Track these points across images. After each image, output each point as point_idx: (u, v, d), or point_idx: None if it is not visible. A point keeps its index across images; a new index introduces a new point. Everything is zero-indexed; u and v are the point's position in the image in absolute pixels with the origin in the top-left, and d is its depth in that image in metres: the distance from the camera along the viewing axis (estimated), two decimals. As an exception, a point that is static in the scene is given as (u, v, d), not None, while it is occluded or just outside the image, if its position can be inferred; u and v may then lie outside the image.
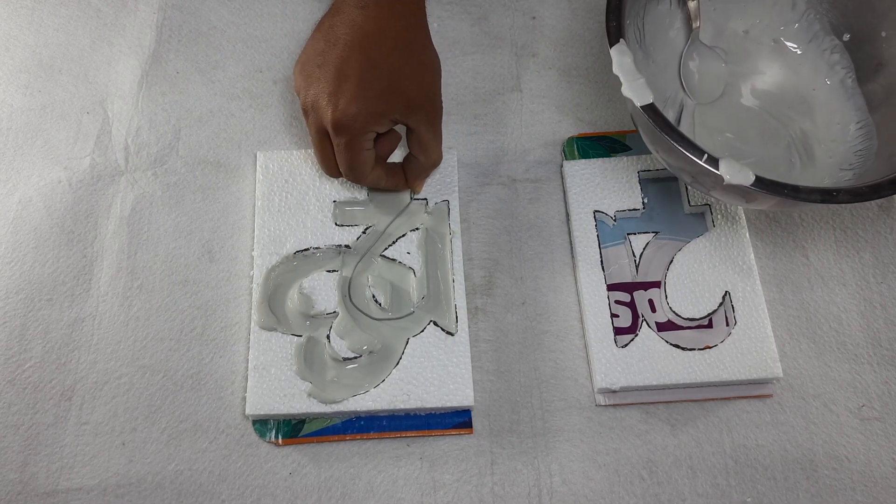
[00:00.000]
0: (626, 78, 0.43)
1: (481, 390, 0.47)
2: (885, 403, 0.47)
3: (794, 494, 0.44)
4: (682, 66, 0.52)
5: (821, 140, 0.50)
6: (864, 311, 0.49)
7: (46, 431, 0.46)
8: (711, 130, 0.51)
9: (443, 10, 0.59)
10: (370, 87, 0.44)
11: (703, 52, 0.52)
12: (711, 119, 0.51)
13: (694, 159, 0.41)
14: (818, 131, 0.51)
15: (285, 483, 0.45)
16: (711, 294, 0.48)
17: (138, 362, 0.47)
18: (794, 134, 0.51)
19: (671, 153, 0.43)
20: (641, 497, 0.44)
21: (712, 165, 0.41)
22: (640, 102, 0.43)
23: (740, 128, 0.51)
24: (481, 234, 0.51)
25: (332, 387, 0.45)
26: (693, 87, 0.52)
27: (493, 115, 0.55)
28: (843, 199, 0.41)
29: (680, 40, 0.53)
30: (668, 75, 0.52)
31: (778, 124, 0.51)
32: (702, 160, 0.41)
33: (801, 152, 0.50)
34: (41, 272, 0.50)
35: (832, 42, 0.52)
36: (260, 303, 0.47)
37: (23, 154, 0.53)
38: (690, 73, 0.52)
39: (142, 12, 0.58)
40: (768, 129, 0.51)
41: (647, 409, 0.46)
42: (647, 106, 0.43)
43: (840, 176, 0.47)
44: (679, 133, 0.42)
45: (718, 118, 0.51)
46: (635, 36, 0.49)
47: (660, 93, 0.51)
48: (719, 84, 0.52)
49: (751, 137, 0.51)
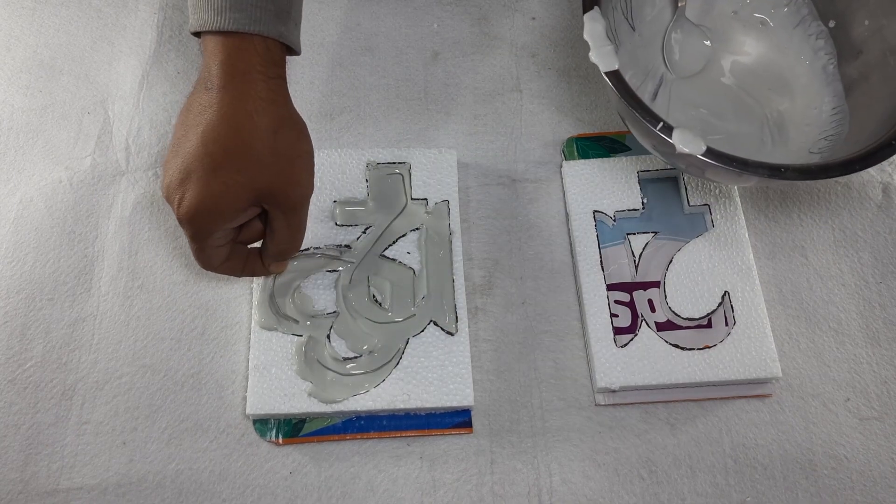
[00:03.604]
0: (595, 44, 0.45)
1: (481, 390, 0.47)
2: (884, 403, 0.47)
3: (794, 494, 0.44)
4: (665, 40, 0.53)
5: (796, 123, 0.51)
6: (863, 311, 0.49)
7: (47, 431, 0.46)
8: (686, 104, 0.52)
9: (443, 10, 0.59)
10: (214, 180, 0.39)
11: (688, 28, 0.53)
12: (688, 94, 0.52)
13: (649, 127, 0.43)
14: (794, 114, 0.51)
15: (285, 482, 0.45)
16: (711, 294, 0.48)
17: (139, 362, 0.47)
18: (769, 114, 0.52)
19: (634, 122, 0.45)
20: (641, 496, 0.44)
21: (666, 134, 0.43)
22: (605, 69, 0.44)
23: (716, 104, 0.52)
24: (481, 234, 0.51)
25: (332, 386, 0.45)
26: (673, 61, 0.53)
27: (492, 115, 0.55)
28: (790, 176, 0.42)
29: (666, 15, 0.54)
30: (652, 50, 0.53)
31: (754, 103, 0.52)
32: (656, 128, 0.43)
33: (775, 132, 0.51)
34: (42, 272, 0.50)
35: (818, 27, 0.52)
36: (260, 303, 0.47)
37: (24, 154, 0.53)
38: (672, 48, 0.53)
39: (142, 12, 0.58)
40: (744, 108, 0.52)
41: (646, 408, 0.47)
42: (611, 73, 0.44)
43: (808, 158, 0.48)
44: (638, 100, 0.44)
45: (695, 93, 0.52)
46: (622, 8, 0.50)
47: (640, 65, 0.52)
48: (700, 60, 0.53)
49: (725, 114, 0.52)
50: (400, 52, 0.57)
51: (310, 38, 0.57)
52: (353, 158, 0.51)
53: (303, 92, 0.55)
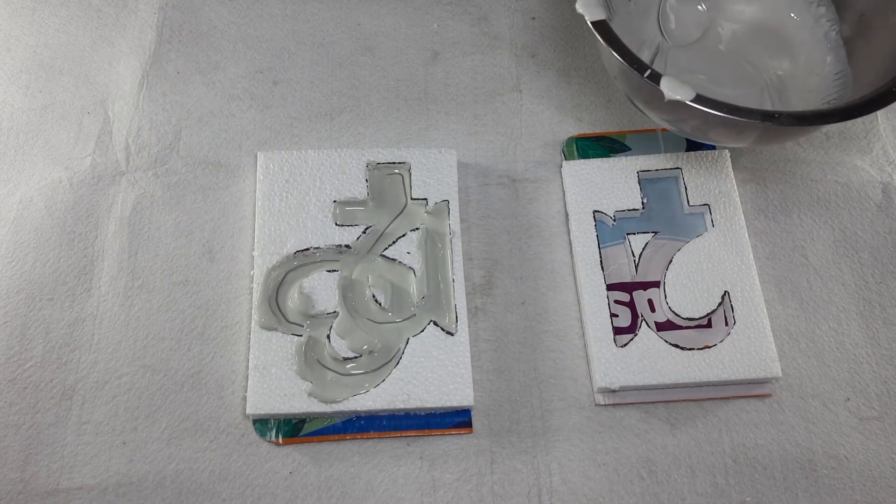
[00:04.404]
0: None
1: (481, 390, 0.47)
2: (884, 403, 0.47)
3: (794, 494, 0.45)
4: (660, 8, 0.53)
5: (797, 89, 0.51)
6: (863, 310, 0.49)
7: (47, 431, 0.46)
8: (683, 71, 0.52)
9: (443, 10, 0.59)
10: None
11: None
12: (685, 61, 0.52)
13: (636, 73, 0.43)
14: (796, 80, 0.51)
15: (285, 482, 0.45)
16: (710, 294, 0.48)
17: (139, 362, 0.47)
18: (769, 79, 0.51)
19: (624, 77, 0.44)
20: (641, 496, 0.45)
21: (654, 81, 0.42)
22: (591, 18, 0.44)
23: (714, 70, 0.52)
24: (481, 234, 0.51)
25: (332, 386, 0.45)
26: (669, 29, 0.53)
27: (492, 115, 0.55)
28: (785, 122, 0.42)
29: None
30: (648, 19, 0.53)
31: (754, 70, 0.52)
32: (644, 75, 0.43)
33: (775, 98, 0.50)
34: (42, 272, 0.50)
35: None
36: (260, 302, 0.47)
37: (24, 154, 0.53)
38: (667, 16, 0.53)
39: (142, 12, 0.58)
40: (743, 74, 0.52)
41: (646, 408, 0.47)
42: (597, 22, 0.44)
43: None
44: (625, 49, 0.43)
45: (692, 60, 0.52)
46: None
47: (636, 35, 0.52)
48: (697, 28, 0.53)
49: (724, 80, 0.51)
50: (400, 52, 0.57)
51: (310, 38, 0.57)
52: (352, 158, 0.51)
53: (303, 92, 0.55)
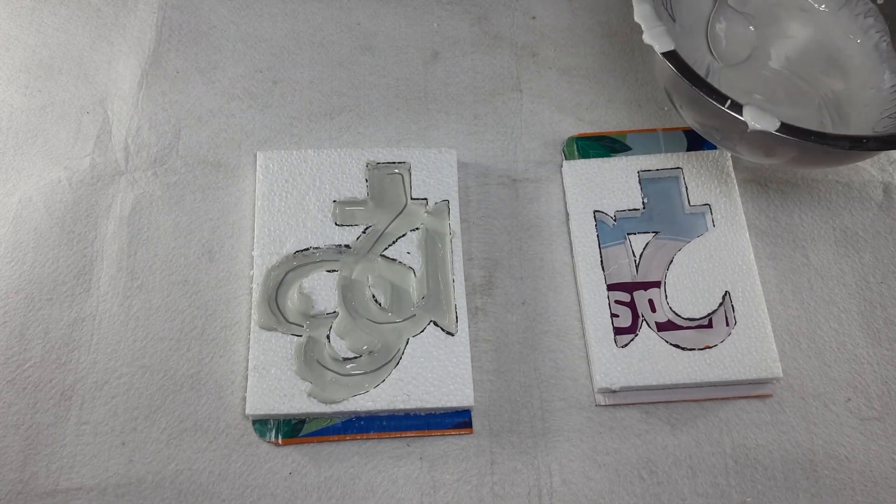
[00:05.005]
0: (647, 25, 0.43)
1: (481, 390, 0.47)
2: (884, 403, 0.47)
3: (794, 494, 0.44)
4: (708, 29, 0.52)
5: (854, 104, 0.50)
6: (863, 310, 0.49)
7: (46, 431, 0.46)
8: (738, 92, 0.51)
9: (443, 9, 0.59)
10: None
11: (731, 15, 0.52)
12: (738, 81, 0.51)
13: (717, 106, 0.41)
14: (851, 94, 0.50)
15: (285, 483, 0.45)
16: (711, 294, 0.48)
17: (138, 362, 0.47)
18: (825, 96, 0.51)
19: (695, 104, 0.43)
20: (641, 497, 0.44)
21: (736, 111, 0.41)
22: (661, 49, 0.43)
23: (768, 89, 0.51)
24: (481, 234, 0.51)
25: (332, 387, 0.45)
26: (720, 50, 0.52)
27: (493, 115, 0.55)
28: (872, 147, 0.41)
29: (707, 4, 0.53)
30: (695, 39, 0.52)
31: (808, 87, 0.51)
32: (725, 106, 0.41)
33: (833, 114, 0.50)
34: (41, 272, 0.50)
35: (866, 6, 0.51)
36: (260, 303, 0.47)
37: (23, 154, 0.53)
38: (717, 37, 0.52)
39: (142, 12, 0.58)
40: (798, 92, 0.51)
41: (646, 409, 0.46)
42: (668, 53, 0.42)
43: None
44: (701, 79, 0.42)
45: (746, 80, 0.51)
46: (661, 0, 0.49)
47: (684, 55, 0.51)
48: (746, 47, 0.52)
49: (780, 99, 0.51)
50: (400, 52, 0.57)
51: (309, 37, 0.57)
52: (352, 158, 0.51)
53: (303, 92, 0.55)
